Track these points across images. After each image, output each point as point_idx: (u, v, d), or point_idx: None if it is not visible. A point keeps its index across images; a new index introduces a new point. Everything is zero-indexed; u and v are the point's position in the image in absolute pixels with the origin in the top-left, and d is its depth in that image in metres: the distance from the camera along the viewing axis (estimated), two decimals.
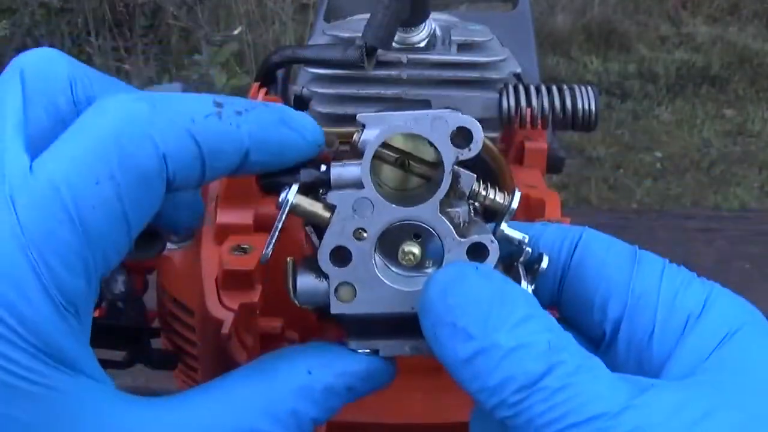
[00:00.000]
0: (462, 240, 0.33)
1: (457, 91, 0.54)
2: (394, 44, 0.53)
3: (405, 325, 0.34)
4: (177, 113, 0.31)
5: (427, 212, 0.33)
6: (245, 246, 0.46)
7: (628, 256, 0.35)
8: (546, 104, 0.54)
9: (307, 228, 0.36)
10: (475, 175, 0.35)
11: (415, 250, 0.33)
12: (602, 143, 2.61)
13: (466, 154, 0.33)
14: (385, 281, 0.34)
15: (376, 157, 0.34)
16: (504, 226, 0.35)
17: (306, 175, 0.35)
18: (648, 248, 0.36)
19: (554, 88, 0.55)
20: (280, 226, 0.34)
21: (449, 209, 0.34)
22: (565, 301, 0.36)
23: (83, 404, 0.30)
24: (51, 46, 2.75)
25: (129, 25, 2.90)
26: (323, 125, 0.37)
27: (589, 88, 0.55)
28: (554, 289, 0.37)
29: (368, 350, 0.35)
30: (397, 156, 0.34)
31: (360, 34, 0.50)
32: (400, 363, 0.48)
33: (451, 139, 0.33)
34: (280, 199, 0.34)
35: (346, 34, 0.54)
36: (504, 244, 0.35)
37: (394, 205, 0.33)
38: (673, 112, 2.85)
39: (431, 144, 0.33)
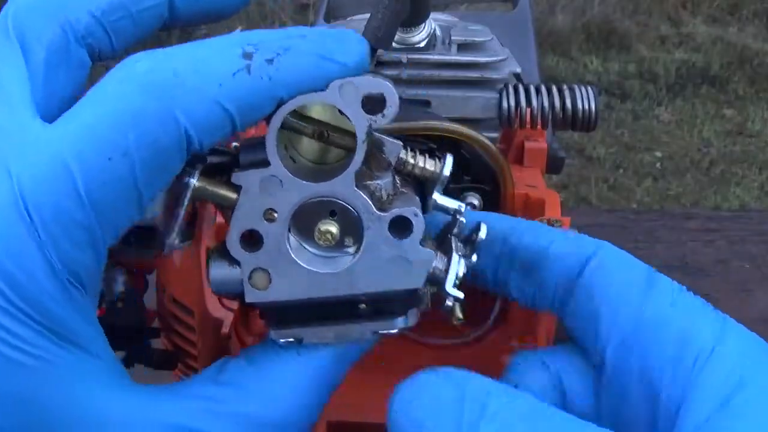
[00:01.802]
0: (382, 215, 0.31)
1: (457, 91, 0.54)
2: (394, 44, 0.53)
3: (328, 310, 0.32)
4: (202, 79, 0.29)
5: (341, 187, 0.30)
6: None
7: (643, 279, 0.34)
8: (546, 104, 0.54)
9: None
10: (401, 143, 0.33)
11: (332, 228, 0.31)
12: (602, 143, 2.61)
13: (380, 120, 0.30)
14: (302, 264, 0.31)
15: (294, 129, 0.31)
16: (437, 196, 0.33)
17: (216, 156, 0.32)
18: (648, 248, 0.36)
19: (554, 88, 0.55)
20: (182, 212, 0.31)
21: (369, 182, 0.31)
22: (571, 314, 0.35)
23: (77, 381, 0.29)
24: None
25: None
26: None
27: (589, 88, 0.55)
28: (555, 297, 0.36)
29: (291, 339, 0.32)
30: (315, 127, 0.32)
31: (360, 34, 0.50)
32: (401, 364, 0.48)
33: (363, 106, 0.30)
34: (183, 183, 0.31)
35: None
36: (439, 217, 0.33)
37: (304, 182, 0.30)
38: (673, 112, 2.85)
39: (342, 112, 0.30)
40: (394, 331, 0.33)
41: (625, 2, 3.36)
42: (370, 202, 0.31)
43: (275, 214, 0.31)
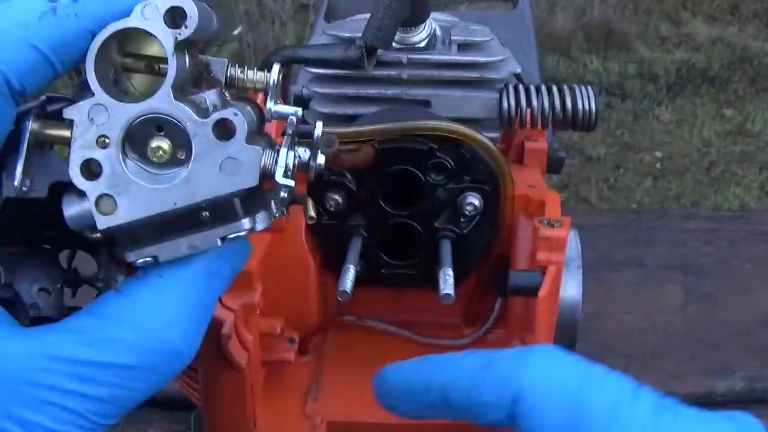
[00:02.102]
0: (204, 120, 0.32)
1: (457, 91, 0.54)
2: (394, 44, 0.53)
3: (175, 223, 0.33)
4: (9, 25, 0.31)
5: (160, 101, 0.32)
6: None
7: (566, 418, 0.31)
8: (546, 104, 0.54)
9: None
10: (226, 60, 0.35)
11: (163, 144, 0.33)
12: (602, 143, 2.61)
13: (185, 32, 0.32)
14: (142, 183, 0.33)
15: (126, 69, 0.34)
16: (271, 104, 0.35)
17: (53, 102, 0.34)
18: (648, 248, 0.35)
19: (554, 88, 0.55)
20: (23, 155, 0.33)
21: (193, 96, 0.33)
22: None
23: None
24: None
25: None
26: (323, 125, 0.37)
27: (589, 88, 0.55)
28: None
29: (148, 259, 0.34)
30: (145, 62, 0.34)
31: (360, 34, 0.50)
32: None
33: (165, 22, 0.32)
34: (21, 127, 0.33)
35: (346, 34, 0.54)
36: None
37: (126, 103, 0.32)
38: (673, 112, 2.85)
39: (150, 34, 0.32)
40: (243, 233, 0.34)
41: (625, 2, 3.35)
42: (192, 111, 0.32)
43: (107, 140, 0.32)
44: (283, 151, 0.34)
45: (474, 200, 0.51)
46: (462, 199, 0.51)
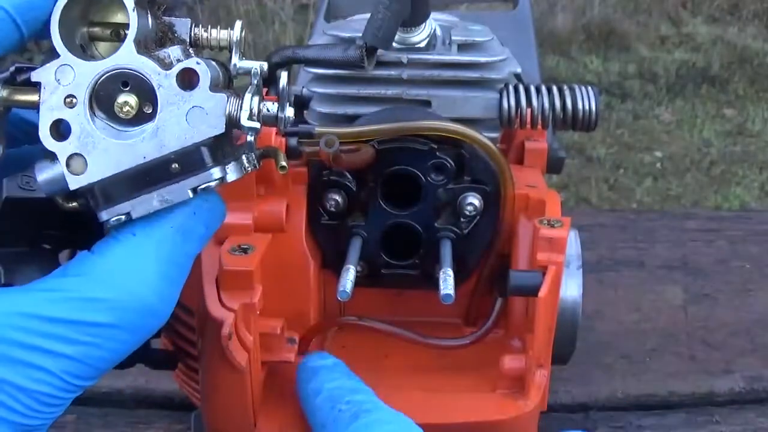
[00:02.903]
0: (168, 72, 0.33)
1: (457, 91, 0.54)
2: (394, 44, 0.53)
3: (145, 177, 0.34)
4: None
5: (124, 57, 0.33)
6: (245, 246, 0.46)
7: None
8: (546, 104, 0.54)
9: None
10: (189, 19, 0.35)
11: (129, 99, 0.33)
12: (602, 143, 2.61)
13: None
14: (110, 140, 0.33)
15: (93, 38, 0.34)
16: (236, 59, 0.35)
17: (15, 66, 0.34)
18: (648, 248, 0.35)
19: (554, 88, 0.55)
20: None
21: (156, 53, 0.34)
22: None
23: None
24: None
25: None
26: (323, 125, 0.37)
27: (589, 88, 0.55)
28: None
29: (121, 216, 0.34)
30: (111, 29, 0.35)
31: (360, 34, 0.50)
32: (401, 364, 0.48)
33: None
34: None
35: (346, 34, 0.54)
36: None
37: (91, 62, 0.33)
38: (673, 112, 2.85)
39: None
40: (213, 183, 0.34)
41: (625, 2, 3.36)
42: (156, 64, 0.33)
43: (74, 99, 0.33)
44: (248, 96, 0.34)
45: (474, 200, 0.51)
46: (462, 199, 0.51)
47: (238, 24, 0.36)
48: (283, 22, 2.95)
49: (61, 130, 0.33)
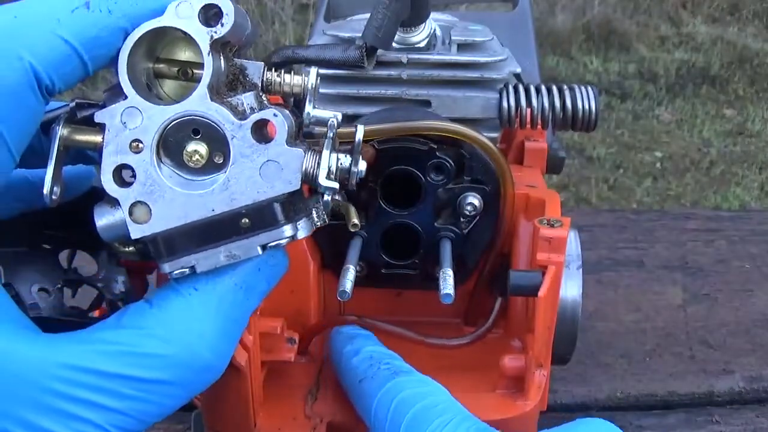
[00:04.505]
0: (243, 122, 0.31)
1: (457, 91, 0.54)
2: (394, 44, 0.53)
3: (213, 231, 0.32)
4: (41, 17, 0.30)
5: (196, 103, 0.31)
6: None
7: None
8: (546, 104, 0.54)
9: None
10: (262, 63, 0.33)
11: (200, 148, 0.31)
12: (602, 143, 2.61)
13: (220, 30, 0.31)
14: (178, 189, 0.31)
15: (158, 75, 0.32)
16: (310, 108, 0.33)
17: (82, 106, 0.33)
18: (648, 248, 0.35)
19: (554, 88, 0.55)
20: (53, 161, 0.31)
21: (229, 99, 0.32)
22: None
23: None
24: None
25: None
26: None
27: (589, 88, 0.55)
28: None
29: (185, 270, 0.32)
30: (178, 67, 0.33)
31: (360, 34, 0.50)
32: None
33: (200, 20, 0.31)
34: (51, 133, 0.32)
35: (346, 34, 0.54)
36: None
37: (161, 105, 0.31)
38: (673, 112, 2.85)
39: (189, 38, 0.31)
40: (284, 240, 0.32)
41: (625, 2, 3.36)
42: (229, 113, 0.31)
43: (141, 144, 0.31)
44: (326, 153, 0.32)
45: (474, 200, 0.51)
46: (462, 199, 0.51)
47: (314, 71, 0.34)
48: (283, 22, 2.95)
49: (124, 175, 0.31)
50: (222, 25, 0.31)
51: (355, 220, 0.36)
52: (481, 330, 0.52)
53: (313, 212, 0.34)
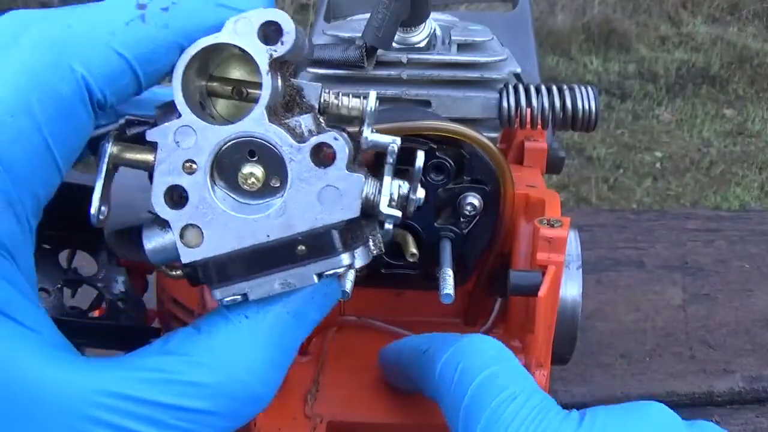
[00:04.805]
0: (302, 145, 0.30)
1: (457, 91, 0.54)
2: (394, 44, 0.53)
3: (267, 257, 0.31)
4: (95, 28, 0.29)
5: (254, 124, 0.30)
6: None
7: None
8: (546, 104, 0.54)
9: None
10: (320, 85, 0.32)
11: (255, 170, 0.30)
12: (602, 143, 2.61)
13: (280, 49, 0.29)
14: (232, 213, 0.30)
15: (211, 93, 0.31)
16: (368, 132, 0.32)
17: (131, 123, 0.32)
18: (648, 248, 0.35)
19: (554, 88, 0.55)
20: (101, 180, 0.30)
21: (287, 120, 0.31)
22: None
23: (8, 352, 0.28)
24: None
25: None
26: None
27: (589, 88, 0.55)
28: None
29: (237, 297, 0.31)
30: (232, 86, 0.32)
31: (360, 34, 0.50)
32: None
33: (260, 38, 0.29)
34: (100, 150, 0.30)
35: (346, 34, 0.54)
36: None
37: (217, 126, 0.30)
38: (673, 112, 2.85)
39: (245, 56, 0.30)
40: (341, 270, 0.31)
41: (625, 2, 3.36)
42: (288, 135, 0.30)
43: (194, 165, 0.30)
44: (387, 179, 0.31)
45: (474, 200, 0.51)
46: (462, 199, 0.51)
47: (373, 94, 0.33)
48: None
49: (176, 197, 0.30)
50: (282, 43, 0.30)
51: (413, 250, 0.35)
52: (480, 330, 0.52)
53: (370, 240, 0.33)
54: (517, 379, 0.37)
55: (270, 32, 0.30)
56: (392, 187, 0.31)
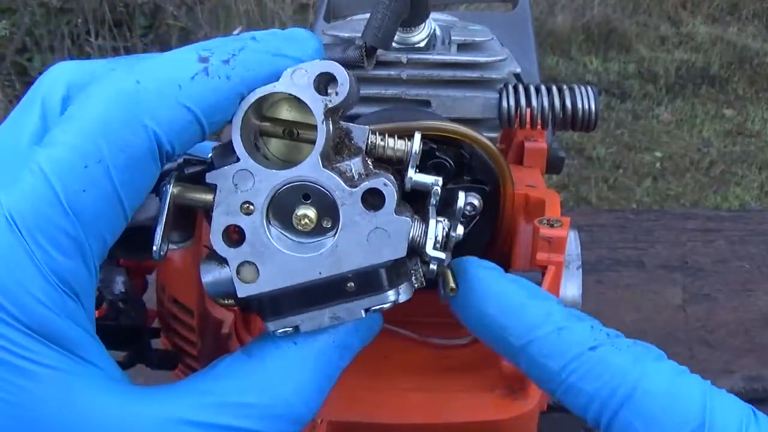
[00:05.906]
0: (353, 190, 0.32)
1: (457, 91, 0.54)
2: (394, 44, 0.53)
3: (318, 293, 0.33)
4: (162, 84, 0.30)
5: (308, 169, 0.32)
6: None
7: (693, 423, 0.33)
8: (546, 104, 0.54)
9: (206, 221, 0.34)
10: (368, 127, 0.34)
11: (309, 212, 0.32)
12: (602, 143, 2.61)
13: (334, 98, 0.31)
14: (286, 251, 0.32)
15: (265, 133, 0.33)
16: (412, 173, 0.34)
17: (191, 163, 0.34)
18: (648, 248, 0.35)
19: (554, 88, 0.55)
20: (163, 219, 0.32)
21: (338, 164, 0.32)
22: None
23: (72, 387, 0.29)
24: (51, 46, 2.75)
25: (129, 25, 2.90)
26: None
27: (589, 88, 0.55)
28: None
29: (288, 329, 0.33)
30: (284, 127, 0.33)
31: (360, 34, 0.50)
32: (401, 363, 0.48)
33: (315, 88, 0.31)
34: (161, 191, 0.32)
35: (346, 34, 0.54)
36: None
37: (274, 170, 0.32)
38: (673, 112, 2.85)
39: (298, 99, 0.31)
40: (387, 305, 0.33)
41: (625, 2, 3.36)
42: (340, 180, 0.32)
43: (252, 207, 0.32)
44: (432, 222, 0.33)
45: (474, 200, 0.51)
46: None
47: (417, 136, 0.34)
48: (283, 22, 2.95)
49: (234, 235, 0.32)
50: (337, 93, 0.31)
51: (453, 284, 0.36)
52: None
53: (413, 275, 0.35)
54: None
55: (323, 82, 0.31)
56: (437, 229, 0.34)
